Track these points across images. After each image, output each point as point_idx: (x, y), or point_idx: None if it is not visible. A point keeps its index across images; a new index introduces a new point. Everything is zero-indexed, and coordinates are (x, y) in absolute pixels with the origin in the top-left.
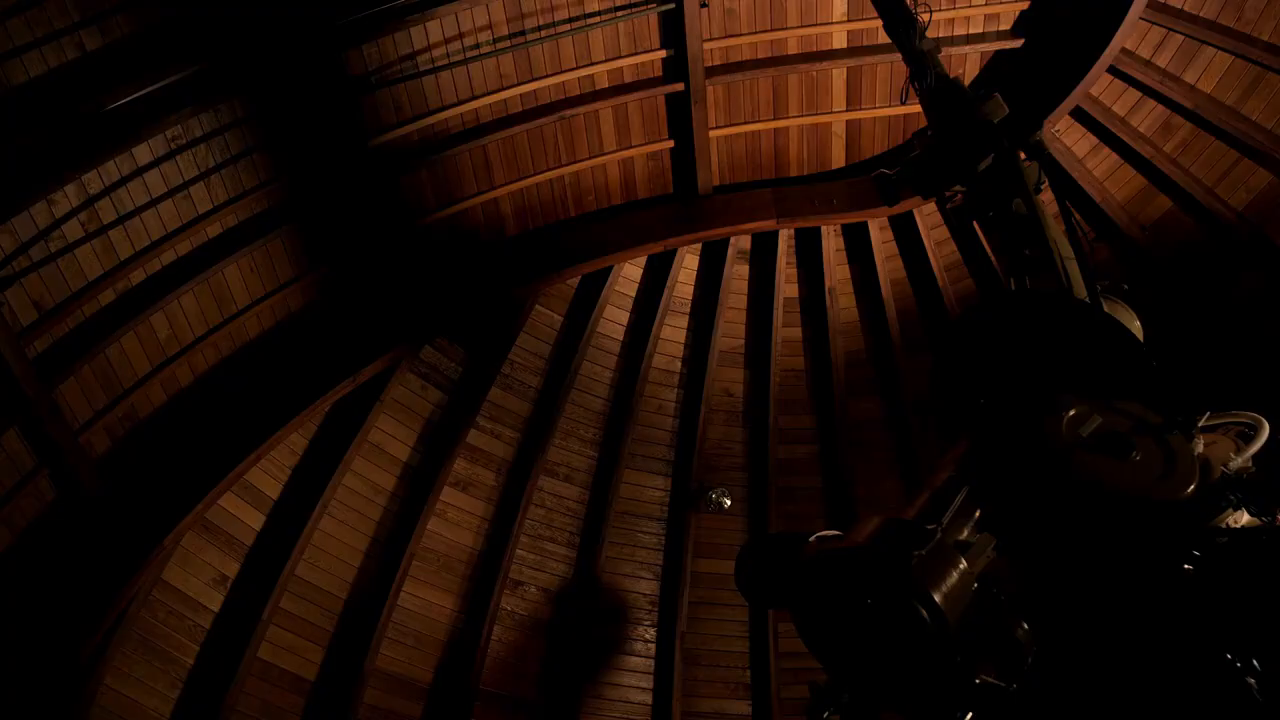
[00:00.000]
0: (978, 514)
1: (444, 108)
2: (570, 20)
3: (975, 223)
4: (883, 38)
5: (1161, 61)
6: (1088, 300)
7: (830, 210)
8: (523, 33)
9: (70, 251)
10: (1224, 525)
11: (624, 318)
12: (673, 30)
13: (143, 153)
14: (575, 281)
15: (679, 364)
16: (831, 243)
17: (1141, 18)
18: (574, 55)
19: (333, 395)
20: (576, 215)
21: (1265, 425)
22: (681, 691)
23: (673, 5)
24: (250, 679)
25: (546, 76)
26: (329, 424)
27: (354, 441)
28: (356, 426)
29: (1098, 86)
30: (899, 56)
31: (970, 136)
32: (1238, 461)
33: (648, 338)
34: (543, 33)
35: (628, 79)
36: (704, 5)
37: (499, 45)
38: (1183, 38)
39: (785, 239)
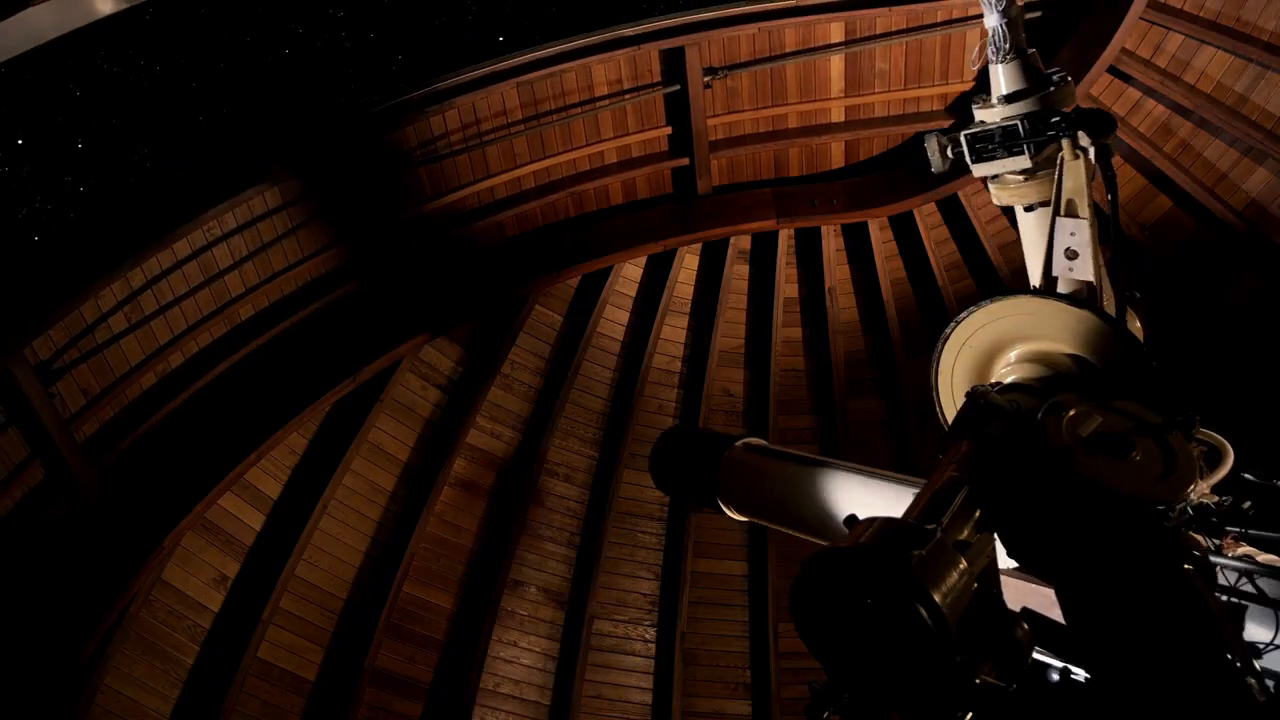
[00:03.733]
0: (978, 514)
1: (460, 186)
2: (581, 104)
3: (1013, 211)
4: (879, 111)
5: (1161, 61)
6: (1116, 304)
7: (830, 210)
8: (536, 117)
9: (115, 343)
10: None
11: (624, 318)
12: (678, 108)
13: (182, 247)
14: (575, 281)
15: (679, 364)
16: (831, 243)
17: (1141, 18)
18: (584, 134)
19: (333, 395)
20: (576, 215)
21: (1230, 452)
22: (681, 691)
23: (678, 87)
24: (250, 679)
25: (558, 154)
26: (329, 424)
27: (354, 441)
28: (356, 426)
29: (1097, 86)
30: (893, 129)
31: (1039, 121)
32: (1200, 488)
33: (648, 338)
34: (554, 117)
35: (635, 154)
36: (708, 87)
37: (514, 129)
38: (1183, 38)
39: (785, 239)
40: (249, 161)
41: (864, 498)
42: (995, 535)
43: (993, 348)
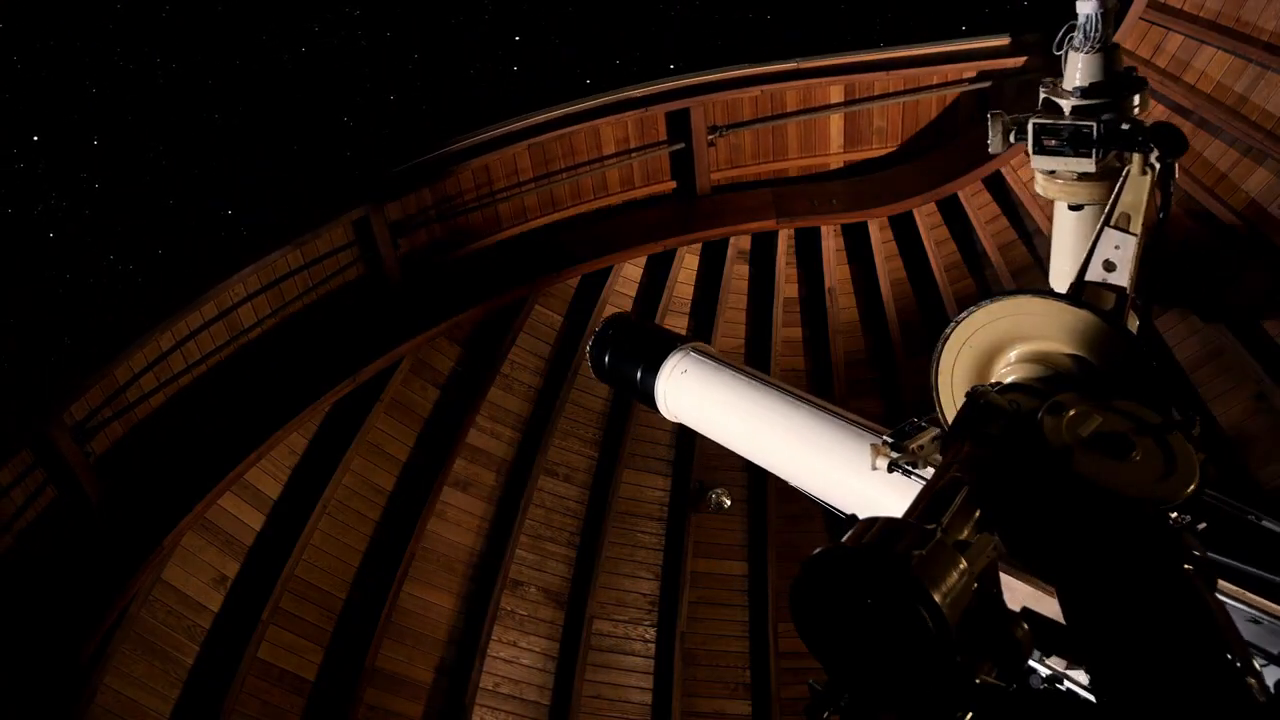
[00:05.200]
0: (978, 514)
1: (474, 238)
2: (589, 163)
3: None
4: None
5: (1161, 62)
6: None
7: (830, 210)
8: (547, 175)
9: (145, 400)
10: None
11: None
12: (682, 164)
13: (209, 309)
14: (575, 281)
15: None
16: (831, 243)
17: (1141, 18)
18: (592, 189)
19: (333, 395)
20: (576, 216)
21: None
22: (681, 691)
23: (682, 145)
24: (250, 679)
25: (567, 208)
26: (329, 424)
27: (354, 441)
28: (356, 426)
29: None
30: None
31: (1113, 128)
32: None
33: None
34: (564, 175)
35: None
36: (711, 144)
37: (524, 188)
38: (1182, 38)
39: (785, 239)
40: (273, 227)
41: (810, 428)
42: (995, 535)
43: (993, 348)
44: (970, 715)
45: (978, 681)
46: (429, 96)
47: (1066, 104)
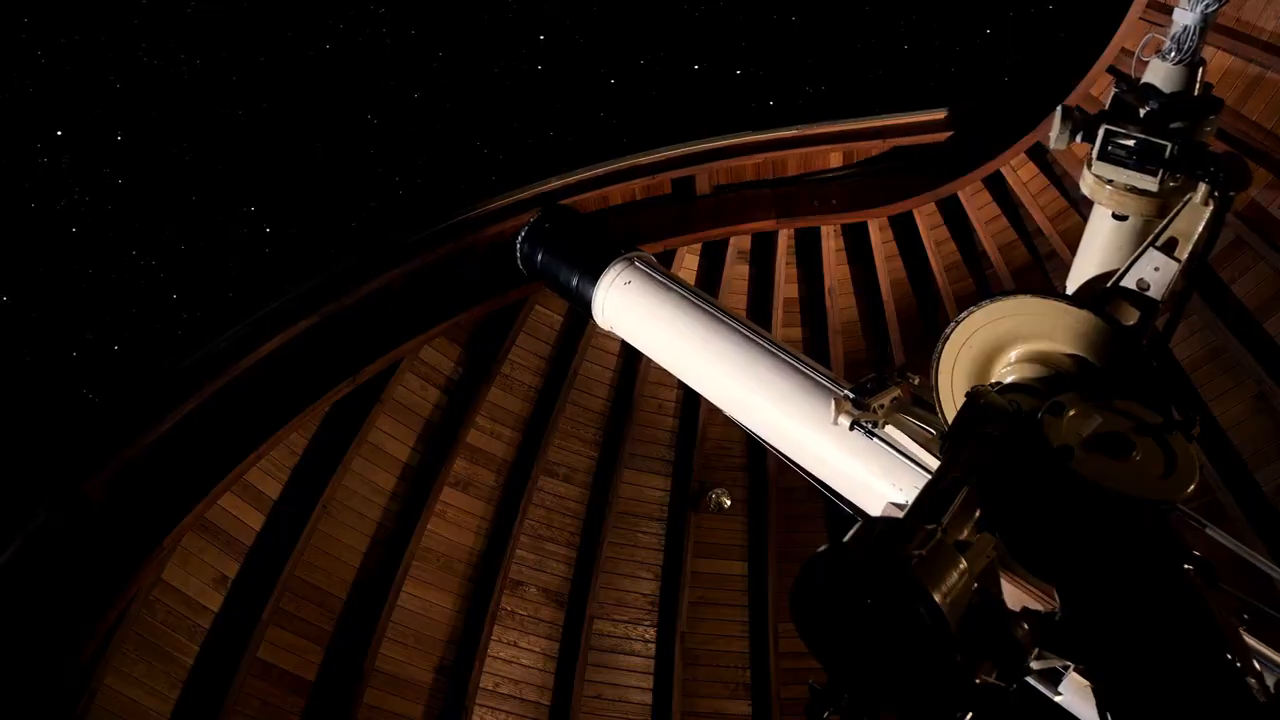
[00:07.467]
0: (978, 514)
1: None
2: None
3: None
4: None
5: None
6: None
7: (830, 210)
8: None
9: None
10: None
11: None
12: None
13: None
14: None
15: None
16: (831, 243)
17: (1141, 18)
18: None
19: (333, 395)
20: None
21: None
22: (681, 691)
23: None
24: (250, 679)
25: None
26: (329, 424)
27: (354, 441)
28: (356, 426)
29: (1098, 86)
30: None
31: (1186, 152)
32: None
33: None
34: None
35: None
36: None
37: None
38: None
39: (785, 239)
40: (286, 297)
41: (767, 372)
42: (996, 535)
43: (993, 348)
44: (970, 715)
45: (978, 681)
46: (453, 95)
47: (1141, 110)
